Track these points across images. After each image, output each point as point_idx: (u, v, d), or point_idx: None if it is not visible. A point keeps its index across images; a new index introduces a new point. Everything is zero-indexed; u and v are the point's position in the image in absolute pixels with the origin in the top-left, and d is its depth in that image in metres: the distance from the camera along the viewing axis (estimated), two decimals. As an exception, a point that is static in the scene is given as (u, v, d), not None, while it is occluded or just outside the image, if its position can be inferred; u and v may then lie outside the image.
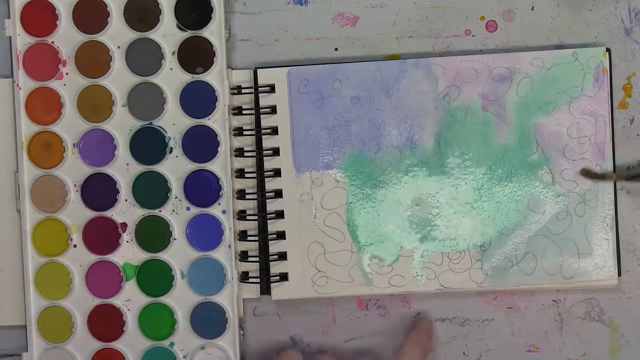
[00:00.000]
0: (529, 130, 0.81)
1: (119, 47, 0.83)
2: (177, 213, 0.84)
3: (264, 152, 0.83)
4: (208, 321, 0.84)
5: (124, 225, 0.84)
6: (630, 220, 0.83)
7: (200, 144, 0.83)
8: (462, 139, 0.82)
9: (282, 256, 0.84)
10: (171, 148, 0.83)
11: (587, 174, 0.81)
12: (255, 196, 0.84)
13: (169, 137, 0.83)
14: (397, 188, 0.82)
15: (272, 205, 0.84)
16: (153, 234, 0.84)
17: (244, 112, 0.83)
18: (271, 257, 0.84)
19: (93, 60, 0.83)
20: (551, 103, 0.81)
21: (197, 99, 0.83)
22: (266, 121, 0.83)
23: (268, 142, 0.83)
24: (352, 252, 0.83)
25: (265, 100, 0.83)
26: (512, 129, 0.82)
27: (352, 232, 0.83)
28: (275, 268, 0.84)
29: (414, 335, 0.82)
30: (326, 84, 0.82)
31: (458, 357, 0.86)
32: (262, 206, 0.84)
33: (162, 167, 0.84)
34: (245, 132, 0.83)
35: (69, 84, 0.83)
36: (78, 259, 0.84)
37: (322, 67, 0.82)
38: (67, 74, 0.83)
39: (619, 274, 0.83)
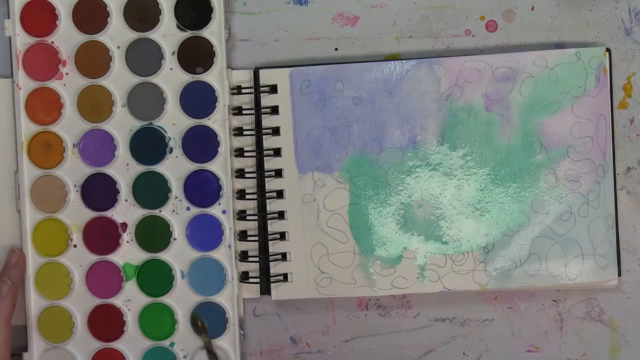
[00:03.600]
0: (533, 130, 0.79)
1: (119, 47, 0.81)
2: (177, 213, 0.82)
3: (265, 152, 0.81)
4: (208, 321, 0.82)
5: (124, 226, 0.82)
6: (630, 220, 0.82)
7: (200, 144, 0.81)
8: (465, 140, 0.80)
9: (283, 256, 0.82)
10: (171, 148, 0.81)
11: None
12: (255, 196, 0.81)
13: (169, 137, 0.81)
14: (400, 189, 0.80)
15: (272, 206, 0.81)
16: (153, 234, 0.82)
17: (244, 112, 0.81)
18: (272, 258, 0.81)
19: (93, 60, 0.81)
20: (555, 103, 0.79)
21: (197, 99, 0.81)
22: (267, 121, 0.81)
23: (269, 142, 0.81)
24: (354, 254, 0.81)
25: (266, 100, 0.81)
26: (515, 129, 0.79)
27: (354, 233, 0.81)
28: (277, 268, 0.82)
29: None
30: (328, 84, 0.80)
31: (458, 357, 0.84)
32: (262, 206, 0.81)
33: (162, 167, 0.81)
34: (245, 132, 0.81)
35: (69, 84, 0.81)
36: (78, 259, 0.82)
37: (324, 67, 0.80)
38: (67, 74, 0.81)
39: (619, 274, 0.81)
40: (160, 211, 0.81)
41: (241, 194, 0.81)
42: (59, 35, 0.81)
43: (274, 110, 0.81)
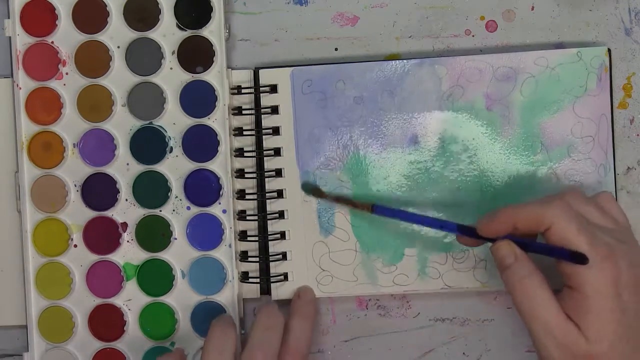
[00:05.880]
0: (534, 130, 0.79)
1: (118, 47, 0.80)
2: (177, 212, 0.81)
3: (265, 152, 0.80)
4: (209, 321, 0.80)
5: (125, 225, 0.81)
6: (630, 220, 0.80)
7: (201, 143, 0.81)
8: (466, 139, 0.79)
9: (283, 256, 0.81)
10: (171, 147, 0.81)
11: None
12: (255, 196, 0.81)
13: (169, 137, 0.81)
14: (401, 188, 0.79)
15: (273, 205, 0.81)
16: (153, 234, 0.81)
17: (244, 112, 0.81)
18: (273, 257, 0.81)
19: (93, 60, 0.81)
20: (555, 103, 0.79)
21: (197, 99, 0.81)
22: (267, 121, 0.80)
23: (269, 142, 0.80)
24: (356, 251, 0.80)
25: (266, 100, 0.80)
26: (516, 129, 0.79)
27: (356, 231, 0.80)
28: (277, 268, 0.81)
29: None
30: (329, 84, 0.80)
31: (458, 357, 0.83)
32: (262, 206, 0.81)
33: (162, 167, 0.81)
34: (245, 132, 0.81)
35: (69, 84, 0.81)
36: (78, 258, 0.82)
37: (326, 67, 0.80)
38: (67, 73, 0.81)
39: (619, 274, 0.80)
40: (160, 211, 0.81)
41: (241, 194, 0.81)
42: (58, 35, 0.80)
43: (274, 110, 0.80)
